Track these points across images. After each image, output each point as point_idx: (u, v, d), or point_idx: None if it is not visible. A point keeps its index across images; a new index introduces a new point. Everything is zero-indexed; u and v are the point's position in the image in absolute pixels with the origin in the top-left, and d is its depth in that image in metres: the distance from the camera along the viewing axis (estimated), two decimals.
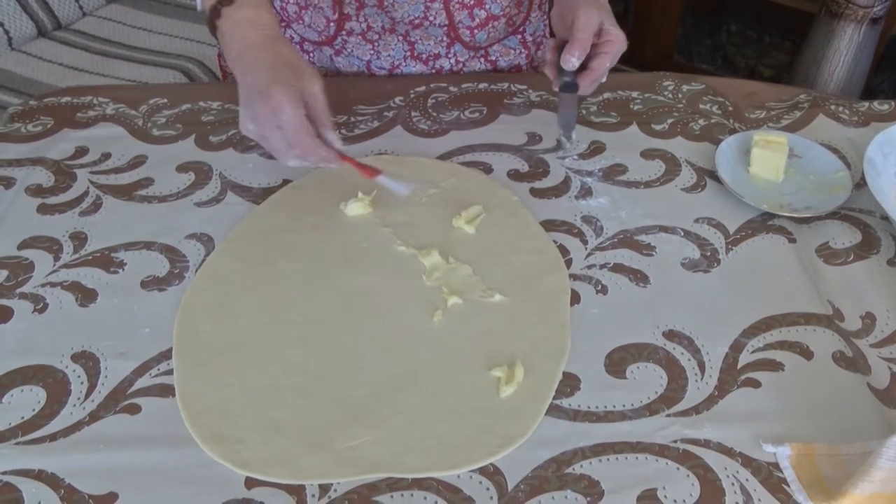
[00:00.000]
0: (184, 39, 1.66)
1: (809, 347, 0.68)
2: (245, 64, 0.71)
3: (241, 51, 0.72)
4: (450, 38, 0.97)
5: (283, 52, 0.72)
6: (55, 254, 0.75)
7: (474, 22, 0.96)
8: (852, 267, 0.76)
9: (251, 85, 0.70)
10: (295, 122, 0.69)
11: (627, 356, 0.67)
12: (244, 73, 0.71)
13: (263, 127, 0.70)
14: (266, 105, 0.68)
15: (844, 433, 0.62)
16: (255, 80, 0.70)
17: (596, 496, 0.58)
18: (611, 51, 0.78)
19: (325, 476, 0.58)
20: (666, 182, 0.84)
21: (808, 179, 0.83)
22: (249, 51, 0.71)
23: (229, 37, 0.73)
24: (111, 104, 0.93)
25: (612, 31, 0.78)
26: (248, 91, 0.70)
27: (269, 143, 0.71)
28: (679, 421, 0.62)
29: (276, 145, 0.71)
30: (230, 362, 0.66)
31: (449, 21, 0.95)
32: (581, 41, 0.77)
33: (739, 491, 0.58)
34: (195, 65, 1.57)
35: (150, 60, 1.60)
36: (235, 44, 0.72)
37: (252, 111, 0.70)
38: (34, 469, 0.58)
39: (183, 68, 1.57)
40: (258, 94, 0.69)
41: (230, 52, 0.73)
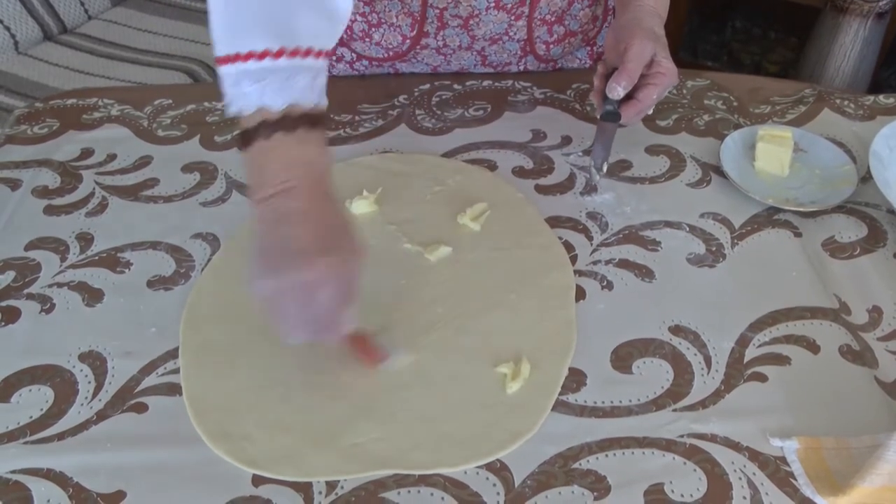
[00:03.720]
0: (187, 41, 1.67)
1: (816, 341, 0.68)
2: (285, 212, 0.57)
3: (286, 192, 0.57)
4: (524, 51, 0.97)
5: (335, 212, 0.60)
6: (62, 254, 0.75)
7: (552, 38, 0.96)
8: (859, 260, 0.75)
9: (287, 241, 0.57)
10: (330, 305, 0.57)
11: (634, 351, 0.67)
12: (278, 223, 0.57)
13: (286, 295, 0.57)
14: (304, 275, 0.56)
15: (852, 427, 0.62)
16: (295, 239, 0.57)
17: (603, 491, 0.58)
18: (660, 83, 0.76)
19: (332, 473, 0.59)
20: (671, 178, 0.84)
21: (814, 174, 0.83)
22: (296, 197, 0.57)
23: (272, 169, 0.58)
24: (116, 105, 0.94)
25: (664, 64, 0.76)
26: (281, 247, 0.57)
27: (281, 311, 0.58)
28: (686, 416, 0.62)
29: (290, 318, 0.58)
30: (236, 360, 0.66)
31: (528, 37, 0.95)
32: (629, 70, 0.75)
33: (747, 485, 0.58)
34: (199, 66, 1.58)
35: (154, 62, 1.61)
36: (276, 179, 0.57)
37: (278, 274, 0.56)
38: (42, 468, 0.59)
39: (187, 69, 1.57)
40: (298, 258, 0.56)
41: (262, 187, 0.58)
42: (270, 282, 0.57)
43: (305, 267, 0.56)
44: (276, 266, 0.56)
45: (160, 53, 1.64)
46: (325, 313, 0.58)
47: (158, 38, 1.68)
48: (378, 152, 0.87)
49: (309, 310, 0.57)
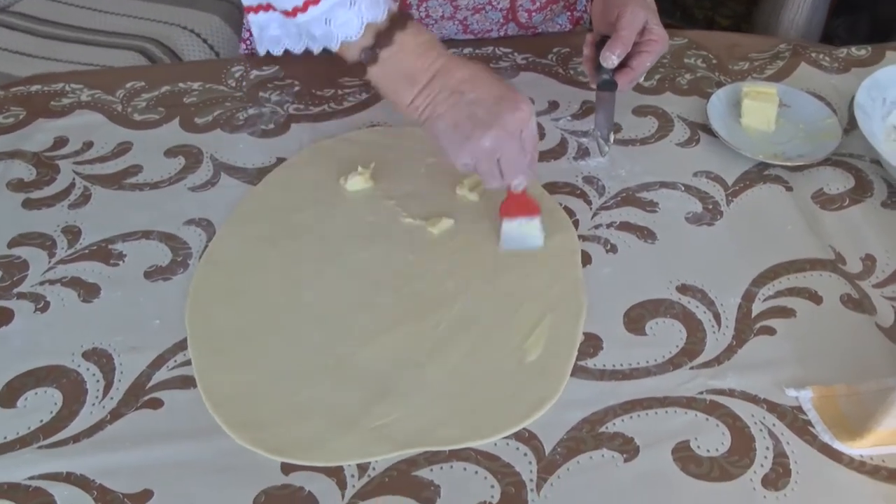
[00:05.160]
0: (137, 19, 1.60)
1: (818, 292, 0.70)
2: (460, 81, 0.64)
3: (443, 70, 0.64)
4: (506, 19, 0.96)
5: (488, 69, 0.67)
6: (49, 250, 0.72)
7: (535, 5, 0.95)
8: (849, 211, 0.77)
9: (478, 102, 0.63)
10: (534, 136, 0.67)
11: (645, 313, 0.68)
12: (456, 94, 0.63)
13: (504, 141, 0.64)
14: (515, 114, 0.63)
15: (859, 372, 0.64)
16: (484, 97, 0.63)
17: (632, 452, 0.59)
18: (653, 50, 0.77)
19: (363, 455, 0.58)
20: (661, 138, 0.85)
21: (799, 128, 0.85)
22: (458, 68, 0.64)
23: (412, 61, 0.64)
24: (86, 90, 0.89)
25: (656, 31, 0.77)
26: (477, 108, 0.63)
27: (505, 156, 0.65)
28: (703, 373, 0.64)
29: (512, 161, 0.66)
30: (248, 348, 0.65)
31: (511, 5, 0.94)
32: (623, 38, 0.75)
33: (768, 436, 0.60)
34: (153, 45, 1.51)
35: (103, 42, 1.53)
36: (427, 65, 0.64)
37: (495, 128, 0.63)
38: (62, 472, 0.57)
39: (140, 49, 1.51)
40: (504, 103, 0.63)
41: (419, 76, 0.64)
42: (491, 132, 0.63)
43: (512, 108, 0.63)
44: (488, 121, 0.63)
45: (107, 32, 1.56)
46: (532, 145, 0.66)
47: (104, 17, 1.60)
48: (366, 127, 0.85)
49: (527, 143, 0.65)
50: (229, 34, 1.62)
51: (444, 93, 0.64)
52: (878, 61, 0.95)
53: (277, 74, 0.92)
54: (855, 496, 0.57)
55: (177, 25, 1.58)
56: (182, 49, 1.55)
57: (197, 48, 1.57)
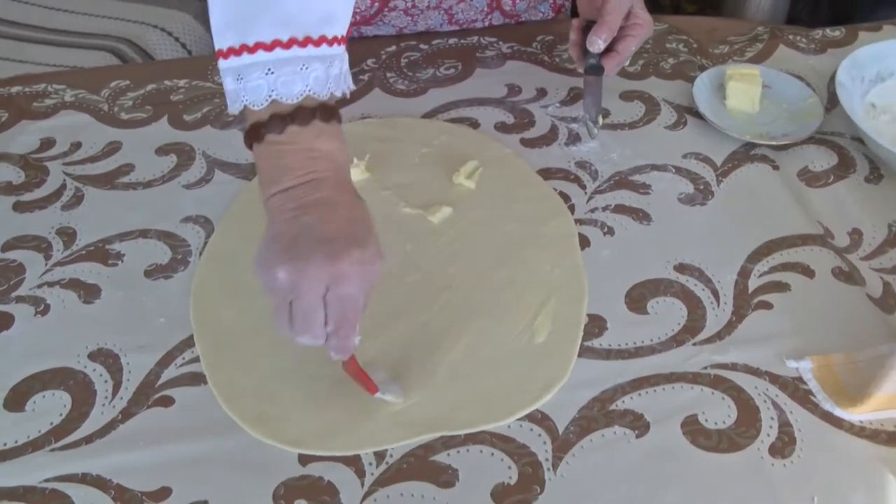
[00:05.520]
0: (107, 18, 1.57)
1: (810, 266, 0.71)
2: (315, 201, 0.53)
3: (310, 183, 0.54)
4: (491, 7, 0.96)
5: (361, 207, 0.56)
6: (45, 252, 0.71)
7: None
8: (834, 187, 0.79)
9: (310, 230, 0.52)
10: (352, 305, 0.53)
11: (646, 292, 0.69)
12: (300, 210, 0.53)
13: (302, 286, 0.51)
14: (328, 268, 0.51)
15: (854, 341, 0.66)
16: (319, 228, 0.52)
17: (643, 428, 0.60)
18: (638, 34, 0.79)
19: (380, 443, 0.58)
20: (649, 122, 0.86)
21: (782, 108, 0.87)
22: (327, 188, 0.54)
23: (290, 161, 0.54)
24: (69, 91, 0.88)
25: (641, 15, 0.79)
26: (304, 235, 0.52)
27: (295, 305, 0.52)
28: (705, 348, 0.65)
29: (305, 314, 0.52)
30: (256, 341, 0.65)
31: None
32: (609, 23, 0.76)
33: (772, 406, 0.61)
34: (125, 45, 1.49)
35: (73, 43, 1.51)
36: (296, 171, 0.54)
37: (298, 263, 0.51)
38: (77, 473, 0.56)
39: (112, 49, 1.48)
40: (323, 249, 0.51)
41: (279, 180, 0.54)
42: (290, 269, 0.51)
43: (330, 260, 0.51)
44: (297, 253, 0.51)
45: (76, 33, 1.54)
46: (345, 314, 0.53)
47: (72, 17, 1.57)
48: (358, 119, 0.85)
49: (330, 307, 0.52)
50: (201, 32, 1.60)
51: (292, 203, 0.53)
52: (852, 42, 0.98)
53: None
54: (857, 459, 0.59)
55: (148, 24, 1.55)
56: (154, 48, 1.53)
57: (169, 47, 1.55)
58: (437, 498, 0.56)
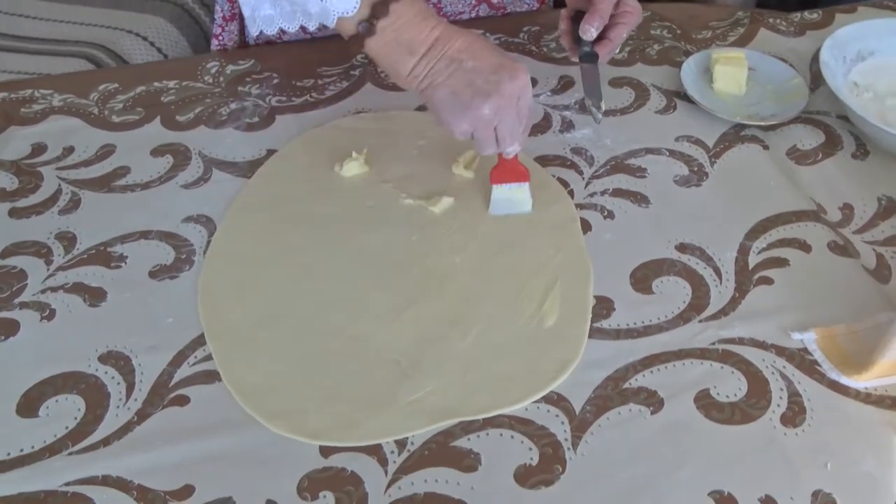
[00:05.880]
0: (81, 25, 1.55)
1: (806, 241, 0.73)
2: (458, 49, 0.64)
3: (441, 39, 0.64)
4: (478, 0, 0.97)
5: (483, 38, 0.67)
6: (45, 258, 0.70)
7: None
8: (822, 165, 0.81)
9: (477, 71, 0.64)
10: (530, 104, 0.67)
11: (649, 273, 0.70)
12: (455, 62, 0.64)
13: (502, 108, 0.65)
14: (514, 82, 0.64)
15: (854, 311, 0.67)
16: (482, 65, 0.64)
17: (657, 405, 0.61)
18: (628, 21, 0.81)
19: (401, 431, 0.59)
20: (639, 107, 0.87)
21: (767, 89, 0.89)
22: (456, 36, 0.65)
23: (410, 31, 0.64)
24: (56, 95, 0.87)
25: (630, 2, 0.81)
26: (476, 76, 0.64)
27: (502, 124, 0.66)
28: (712, 325, 0.66)
29: (510, 130, 0.67)
30: (268, 337, 0.65)
31: None
32: (601, 11, 0.78)
33: (780, 378, 0.63)
34: (100, 51, 1.47)
35: (47, 50, 1.48)
36: (425, 35, 0.64)
37: (494, 96, 0.64)
38: (97, 475, 0.56)
39: (87, 55, 1.46)
40: (503, 71, 0.64)
41: (417, 46, 0.64)
42: (490, 101, 0.64)
43: (511, 76, 0.64)
44: (488, 89, 0.64)
45: (50, 40, 1.51)
46: (526, 117, 0.67)
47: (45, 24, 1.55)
48: (352, 113, 0.86)
49: (521, 115, 0.67)
50: (176, 35, 1.58)
51: (442, 62, 0.64)
52: (829, 24, 1.00)
53: (254, 68, 0.91)
54: (865, 425, 0.60)
55: (121, 30, 1.54)
56: (129, 53, 1.51)
57: (144, 51, 1.53)
58: (462, 482, 0.56)
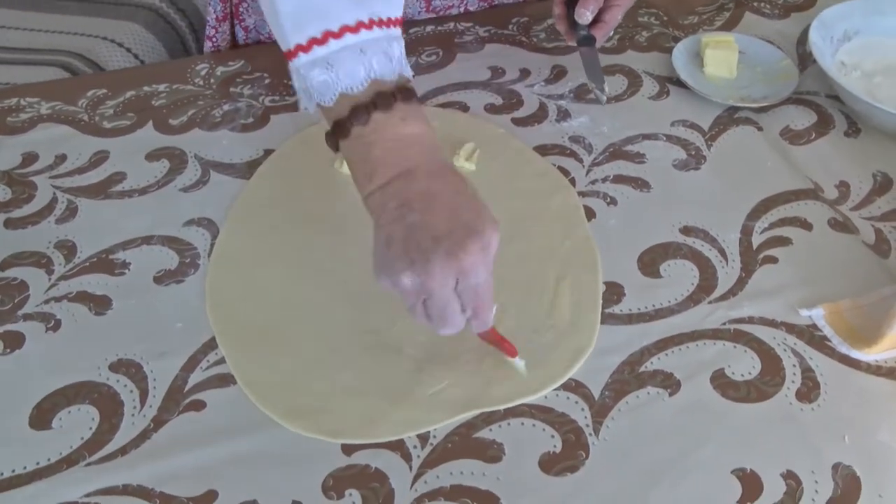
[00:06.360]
0: (55, 33, 1.52)
1: (807, 220, 0.74)
2: (415, 194, 0.53)
3: (406, 174, 0.54)
4: None
5: (462, 186, 0.56)
6: (46, 267, 0.69)
7: None
8: (816, 144, 0.82)
9: (418, 230, 0.52)
10: (485, 289, 0.54)
11: (656, 257, 0.71)
12: (404, 208, 0.53)
13: (431, 287, 0.52)
14: (452, 266, 0.51)
15: (858, 286, 0.68)
16: (428, 226, 0.52)
17: (674, 386, 0.61)
18: (623, 3, 0.81)
19: (421, 425, 0.58)
20: (633, 94, 0.88)
21: (757, 72, 0.90)
22: (423, 178, 0.54)
23: (381, 153, 0.54)
24: (44, 103, 0.85)
25: None
26: (415, 236, 0.52)
27: (428, 304, 0.54)
28: (721, 305, 0.67)
29: (444, 311, 0.54)
30: (281, 337, 0.64)
31: None
32: None
33: (792, 354, 0.63)
34: (75, 58, 1.45)
35: (21, 59, 1.45)
36: (395, 163, 0.54)
37: (419, 267, 0.51)
38: (118, 485, 0.55)
39: (62, 63, 1.44)
40: (441, 247, 0.51)
41: (373, 176, 0.54)
42: (413, 277, 0.52)
43: (452, 253, 0.51)
44: (416, 256, 0.51)
45: (23, 49, 1.49)
46: (481, 299, 0.54)
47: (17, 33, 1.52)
48: None
49: (464, 296, 0.53)
50: (152, 41, 1.56)
51: (393, 201, 0.53)
52: (812, 5, 1.02)
53: (245, 69, 0.90)
54: (878, 396, 0.61)
55: (97, 37, 1.51)
56: (105, 60, 1.49)
57: (120, 58, 1.51)
58: (487, 473, 0.56)
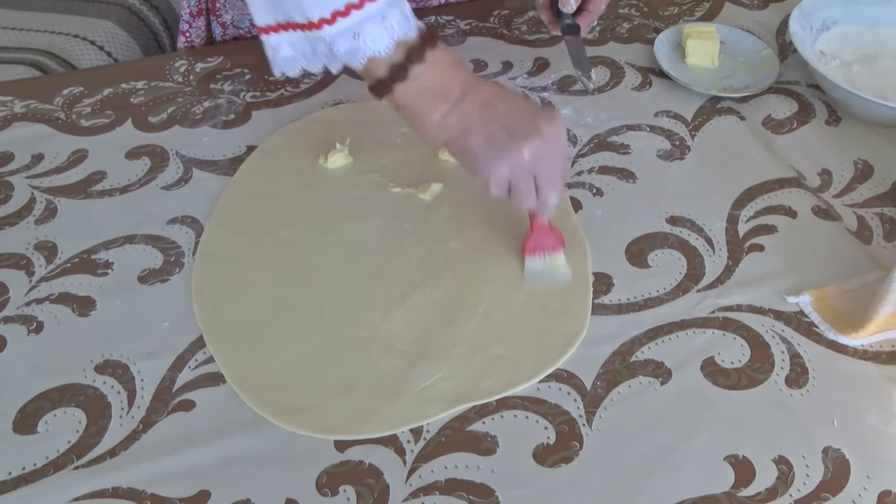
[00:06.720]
0: (24, 31, 1.49)
1: (791, 207, 0.75)
2: (491, 94, 0.61)
3: (473, 86, 0.61)
4: None
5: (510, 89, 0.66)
6: (26, 269, 0.68)
7: None
8: (798, 132, 0.83)
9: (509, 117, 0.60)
10: (566, 156, 0.64)
11: (644, 247, 0.71)
12: (492, 105, 0.61)
13: (542, 153, 0.60)
14: (552, 125, 0.60)
15: (843, 272, 0.69)
16: (521, 106, 0.61)
17: (665, 375, 0.61)
18: None
19: (416, 419, 0.58)
20: (616, 85, 0.88)
21: (738, 62, 0.90)
22: (486, 84, 0.63)
23: (441, 78, 0.61)
24: (18, 102, 0.83)
25: None
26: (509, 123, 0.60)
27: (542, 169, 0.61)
28: (710, 294, 0.67)
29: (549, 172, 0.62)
30: (269, 334, 0.63)
31: None
32: None
33: (781, 341, 0.64)
34: (46, 57, 1.42)
35: None
36: (458, 82, 0.61)
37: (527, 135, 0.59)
38: (107, 488, 0.54)
39: (33, 62, 1.41)
40: (540, 114, 0.60)
41: (450, 92, 0.61)
42: (531, 142, 0.60)
43: (550, 118, 0.60)
44: (524, 131, 0.60)
45: None
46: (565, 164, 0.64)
47: None
48: (329, 105, 0.84)
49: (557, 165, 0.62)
50: (125, 39, 1.54)
51: (475, 107, 0.61)
52: None
53: (224, 65, 0.89)
54: (865, 380, 0.62)
55: (67, 34, 1.49)
56: (77, 58, 1.46)
57: (93, 56, 1.48)
58: (482, 466, 0.56)
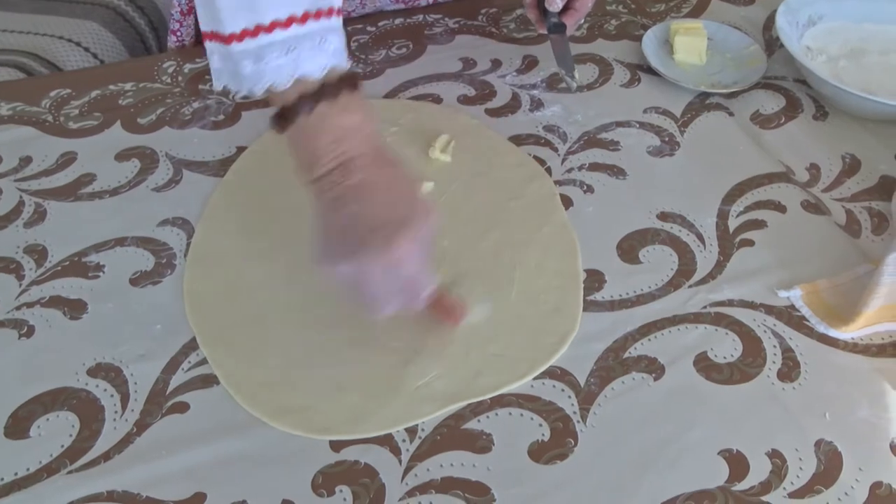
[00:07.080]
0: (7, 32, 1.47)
1: (781, 202, 0.75)
2: (352, 187, 0.54)
3: (345, 166, 0.55)
4: None
5: (399, 176, 0.57)
6: (16, 273, 0.67)
7: None
8: (786, 128, 0.84)
9: (356, 220, 0.54)
10: (415, 278, 0.56)
11: (635, 243, 0.71)
12: (341, 200, 0.54)
13: (368, 276, 0.54)
14: (384, 257, 0.53)
15: (833, 265, 0.70)
16: (365, 217, 0.54)
17: (659, 371, 0.62)
18: None
19: (411, 418, 0.58)
20: (605, 82, 0.88)
21: (726, 58, 0.91)
22: (359, 170, 0.55)
23: (321, 145, 0.54)
24: (4, 104, 0.83)
25: None
26: (352, 227, 0.54)
27: (367, 291, 0.55)
28: (701, 289, 0.68)
29: (377, 296, 0.56)
30: (261, 335, 0.63)
31: None
32: None
33: (772, 336, 0.64)
34: (30, 58, 1.41)
35: None
36: (336, 154, 0.55)
37: (357, 256, 0.53)
38: (102, 492, 0.54)
39: (15, 63, 1.40)
40: (377, 236, 0.53)
41: (320, 163, 0.55)
42: (349, 266, 0.53)
43: (386, 246, 0.52)
44: (351, 248, 0.53)
45: None
46: (410, 283, 0.56)
47: None
48: None
49: (395, 284, 0.55)
50: (111, 40, 1.53)
51: (332, 192, 0.55)
52: None
53: None
54: (856, 373, 0.62)
55: (52, 36, 1.47)
56: (63, 60, 1.45)
57: (79, 57, 1.47)
58: (477, 464, 0.56)
